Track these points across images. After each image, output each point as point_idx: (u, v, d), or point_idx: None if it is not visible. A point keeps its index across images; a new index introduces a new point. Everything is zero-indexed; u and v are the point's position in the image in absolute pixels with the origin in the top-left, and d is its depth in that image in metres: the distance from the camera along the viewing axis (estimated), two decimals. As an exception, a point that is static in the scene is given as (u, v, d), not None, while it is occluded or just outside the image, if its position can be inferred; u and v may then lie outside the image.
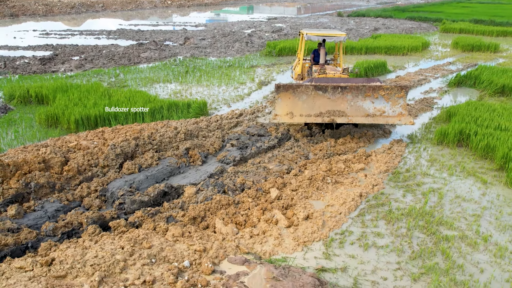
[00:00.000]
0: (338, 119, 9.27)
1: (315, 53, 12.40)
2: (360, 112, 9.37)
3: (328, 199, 7.23)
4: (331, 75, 11.02)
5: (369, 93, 9.33)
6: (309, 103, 9.25)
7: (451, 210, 7.11)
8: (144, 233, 5.51)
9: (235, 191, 7.29)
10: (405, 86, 9.41)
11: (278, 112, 9.23)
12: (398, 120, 9.41)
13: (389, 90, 9.33)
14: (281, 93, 9.16)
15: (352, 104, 9.35)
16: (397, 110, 9.44)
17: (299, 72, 12.34)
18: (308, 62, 12.62)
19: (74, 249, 4.82)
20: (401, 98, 9.39)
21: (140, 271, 4.66)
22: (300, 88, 9.18)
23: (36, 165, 7.78)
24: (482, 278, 5.49)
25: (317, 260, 5.80)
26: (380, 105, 9.42)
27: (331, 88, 9.24)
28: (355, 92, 9.31)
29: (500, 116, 10.46)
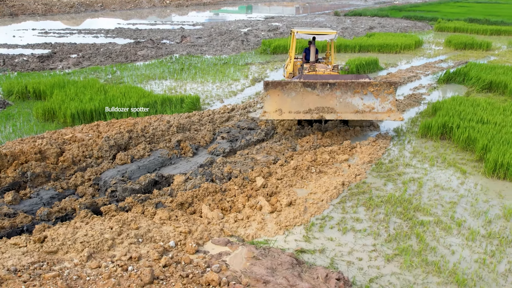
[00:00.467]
0: (327, 116, 9.33)
1: (306, 52, 12.48)
2: (349, 108, 9.44)
3: (312, 187, 7.56)
4: (321, 72, 11.10)
5: (358, 89, 9.41)
6: (298, 100, 9.29)
7: (429, 197, 7.43)
8: (132, 216, 5.84)
9: (222, 180, 7.61)
10: (394, 83, 9.51)
11: (267, 109, 9.29)
12: (388, 116, 9.50)
13: (378, 87, 9.42)
14: (269, 90, 9.23)
15: (341, 101, 9.42)
16: (386, 106, 9.54)
17: (290, 71, 12.40)
18: (300, 61, 12.67)
19: (65, 229, 5.15)
20: (390, 94, 9.49)
21: (127, 248, 4.98)
22: (288, 85, 9.23)
23: (32, 155, 8.11)
24: (452, 259, 5.81)
25: (297, 242, 6.12)
26: (369, 102, 9.50)
27: (320, 84, 9.29)
28: (344, 88, 9.38)
29: (484, 110, 10.79)
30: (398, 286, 5.27)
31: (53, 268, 4.29)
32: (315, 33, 11.78)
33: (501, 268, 5.65)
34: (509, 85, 13.53)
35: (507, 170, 8.07)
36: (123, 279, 4.30)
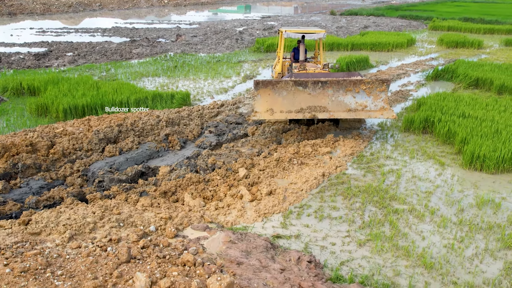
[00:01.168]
0: (319, 115, 9.15)
1: (295, 51, 12.37)
2: (341, 107, 9.26)
3: (292, 178, 7.82)
4: (311, 71, 10.96)
5: (350, 87, 9.27)
6: (290, 99, 9.10)
7: (406, 188, 7.69)
8: (116, 202, 6.09)
9: (206, 171, 7.88)
10: (386, 80, 9.36)
11: (258, 109, 9.04)
12: (381, 114, 9.35)
13: (370, 84, 9.28)
14: (260, 89, 9.01)
15: (333, 99, 9.26)
16: (379, 104, 9.39)
17: (279, 71, 12.21)
18: (289, 60, 12.49)
19: (49, 213, 5.41)
20: (383, 92, 9.37)
21: (108, 231, 5.24)
22: (279, 84, 9.03)
23: (23, 147, 8.37)
24: (422, 244, 6.06)
25: (275, 229, 6.38)
26: (362, 100, 9.35)
27: (312, 83, 9.11)
28: (336, 87, 9.22)
29: (466, 105, 11.04)
30: (367, 268, 5.52)
31: (35, 247, 4.55)
32: (304, 31, 11.68)
33: (469, 252, 5.91)
34: (495, 82, 13.78)
35: (483, 162, 8.32)
36: (101, 258, 4.56)
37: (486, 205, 7.14)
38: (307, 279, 5.00)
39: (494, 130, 9.35)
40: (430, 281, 5.32)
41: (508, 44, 24.13)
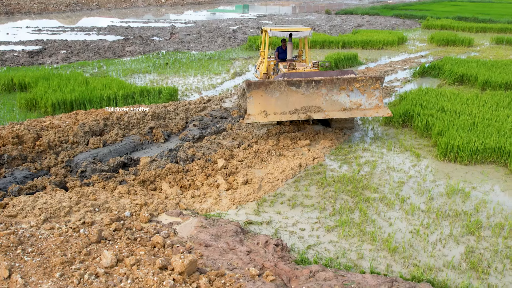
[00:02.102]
0: (314, 115, 8.91)
1: (279, 50, 11.98)
2: (336, 106, 9.08)
3: (270, 169, 8.04)
4: (301, 70, 10.63)
5: (344, 86, 9.12)
6: (283, 100, 8.87)
7: (379, 178, 7.91)
8: (93, 189, 6.33)
9: (185, 161, 8.11)
10: (380, 77, 9.24)
11: (251, 111, 8.75)
12: (376, 112, 9.20)
13: (364, 82, 9.14)
14: (252, 91, 8.74)
15: (327, 99, 9.07)
16: (373, 102, 9.27)
17: (264, 71, 11.88)
18: (273, 60, 12.11)
19: (27, 198, 5.63)
20: (377, 89, 9.25)
21: (82, 215, 5.47)
22: (272, 85, 8.79)
23: (10, 139, 8.60)
24: (389, 230, 6.29)
25: (247, 216, 6.61)
26: (356, 98, 9.21)
27: (305, 82, 8.92)
28: (330, 85, 9.04)
29: (447, 100, 11.26)
30: (332, 252, 5.75)
31: (10, 228, 4.77)
32: (290, 30, 11.30)
33: (433, 238, 6.13)
34: (479, 78, 14.00)
35: (457, 154, 8.55)
36: (72, 238, 4.79)
37: (456, 194, 7.37)
38: (271, 260, 5.23)
39: (470, 123, 9.58)
40: (392, 263, 5.55)
41: (499, 42, 24.35)
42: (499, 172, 8.22)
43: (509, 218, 6.62)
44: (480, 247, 5.88)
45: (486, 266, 5.50)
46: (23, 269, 4.03)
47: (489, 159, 8.57)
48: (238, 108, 11.61)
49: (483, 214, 6.73)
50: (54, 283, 3.87)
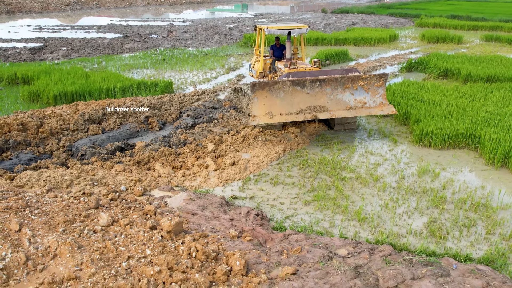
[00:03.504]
0: (320, 115, 8.82)
1: (273, 48, 11.77)
2: (341, 105, 9.00)
3: (256, 152, 8.68)
4: (302, 68, 10.35)
5: (348, 84, 9.01)
6: (288, 100, 8.72)
7: (357, 160, 8.55)
8: (92, 167, 6.96)
9: (178, 145, 8.74)
10: (384, 74, 9.18)
11: (255, 113, 8.56)
12: (380, 110, 9.14)
13: (368, 80, 9.08)
14: (257, 91, 8.53)
15: (332, 98, 8.98)
16: (377, 100, 9.20)
17: (260, 70, 11.67)
18: (269, 59, 11.86)
19: (33, 172, 6.27)
20: (380, 87, 9.21)
21: (82, 187, 6.10)
22: (277, 85, 8.63)
23: (15, 126, 9.23)
24: (360, 203, 6.92)
25: (233, 192, 7.25)
26: (361, 97, 9.12)
27: (310, 82, 8.79)
28: (334, 84, 8.93)
29: (427, 92, 11.89)
30: (307, 221, 6.38)
31: (18, 195, 5.41)
32: (286, 27, 10.98)
33: (400, 210, 6.76)
34: (462, 72, 14.63)
35: (430, 139, 9.18)
36: (73, 204, 5.42)
37: (426, 174, 8.00)
38: (251, 226, 5.86)
39: (446, 112, 10.21)
40: (360, 231, 6.18)
41: (488, 40, 24.97)
42: (470, 156, 8.85)
43: (473, 194, 7.25)
44: (442, 218, 6.52)
45: (445, 233, 6.13)
46: (31, 225, 4.66)
47: (461, 144, 9.20)
48: (230, 100, 12.22)
49: (449, 191, 7.36)
50: (58, 235, 4.50)
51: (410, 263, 5.23)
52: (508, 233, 6.13)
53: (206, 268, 4.54)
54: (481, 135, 8.90)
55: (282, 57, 11.59)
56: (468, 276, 5.09)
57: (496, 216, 6.58)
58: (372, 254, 5.39)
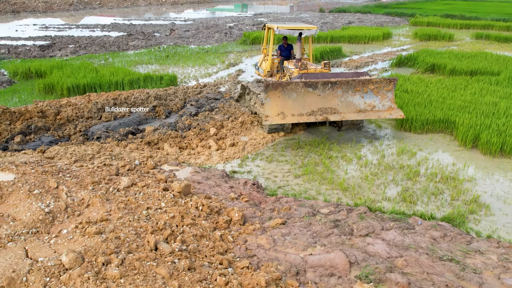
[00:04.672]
0: (331, 117, 9.00)
1: (281, 48, 11.73)
2: (351, 108, 9.18)
3: (253, 135, 9.67)
4: (312, 69, 10.28)
5: (359, 87, 9.17)
6: (300, 101, 8.89)
7: (344, 142, 9.53)
8: (109, 145, 7.95)
9: (183, 130, 9.73)
10: (394, 79, 9.36)
11: (268, 113, 8.72)
12: (389, 114, 9.34)
13: (378, 84, 9.25)
14: (270, 91, 8.65)
15: (343, 100, 9.14)
16: (386, 104, 9.38)
17: (268, 69, 11.66)
18: (276, 58, 11.77)
19: (59, 147, 7.25)
20: (390, 91, 9.41)
21: (102, 160, 7.09)
22: (289, 86, 8.77)
23: (35, 113, 10.22)
24: (343, 176, 7.91)
25: (233, 168, 8.24)
26: (370, 100, 9.30)
27: (321, 84, 8.92)
28: (345, 87, 9.09)
29: (412, 84, 12.88)
30: (297, 190, 7.37)
31: (50, 163, 6.40)
32: (297, 28, 10.87)
33: (378, 182, 7.75)
34: (447, 66, 15.62)
35: (411, 124, 10.17)
36: (98, 171, 6.41)
37: (404, 153, 8.99)
38: (248, 191, 6.86)
39: (427, 101, 11.20)
40: (342, 197, 7.17)
41: (478, 37, 25.95)
42: (445, 139, 9.85)
43: (443, 169, 8.24)
44: (414, 188, 7.51)
45: (415, 199, 7.12)
46: (65, 184, 5.66)
47: (439, 128, 10.19)
48: (230, 93, 13.21)
49: (423, 167, 8.36)
50: (88, 191, 5.49)
51: (381, 219, 6.24)
52: (469, 199, 7.12)
53: (211, 218, 5.53)
54: (456, 120, 9.89)
55: (289, 56, 11.64)
56: (429, 229, 6.09)
57: (462, 186, 7.58)
58: (350, 212, 6.39)
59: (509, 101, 11.24)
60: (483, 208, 6.89)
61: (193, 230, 5.03)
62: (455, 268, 5.09)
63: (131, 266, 3.88)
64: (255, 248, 5.09)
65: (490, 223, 6.51)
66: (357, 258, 5.06)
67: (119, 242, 4.30)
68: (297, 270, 4.72)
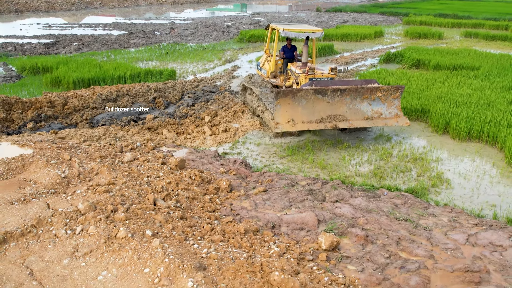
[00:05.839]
0: (340, 124, 9.07)
1: (285, 49, 11.65)
2: (359, 115, 9.26)
3: (244, 122, 10.59)
4: (319, 74, 10.24)
5: (367, 94, 9.25)
6: (309, 108, 8.92)
7: (327, 129, 10.42)
8: (113, 129, 8.87)
9: (180, 117, 10.65)
10: (401, 87, 9.46)
11: (279, 120, 8.72)
12: (396, 121, 9.44)
13: (386, 91, 9.32)
14: (280, 98, 8.63)
15: (351, 107, 9.22)
16: (393, 111, 9.49)
17: (271, 70, 11.58)
18: (280, 59, 11.79)
19: (69, 129, 8.17)
20: (396, 99, 9.49)
21: (108, 141, 8.01)
22: (300, 93, 8.79)
23: (45, 103, 11.14)
24: (324, 157, 8.81)
25: (224, 150, 9.15)
26: (377, 107, 9.39)
27: (331, 91, 8.98)
28: (354, 94, 9.18)
29: (394, 77, 13.79)
30: (281, 168, 8.28)
31: (63, 142, 7.32)
32: (302, 30, 10.83)
33: (354, 161, 8.66)
34: (431, 62, 16.52)
35: (390, 113, 11.06)
36: (105, 148, 7.33)
37: (381, 138, 9.90)
38: (236, 167, 7.77)
39: (406, 92, 12.10)
40: (321, 174, 8.08)
41: (467, 36, 26.86)
42: (420, 126, 10.76)
43: (414, 151, 9.15)
44: (385, 166, 8.42)
45: (385, 176, 8.03)
46: (77, 157, 6.57)
47: (415, 117, 11.10)
48: (225, 86, 14.13)
49: (396, 149, 9.27)
50: (97, 163, 6.41)
51: (351, 189, 7.15)
52: (433, 175, 8.03)
53: (202, 186, 6.45)
54: (430, 109, 10.80)
55: (293, 58, 11.62)
56: (393, 198, 7.00)
57: (428, 165, 8.49)
58: (324, 184, 7.31)
59: (482, 93, 12.15)
60: (444, 183, 7.80)
61: (186, 193, 5.95)
62: (409, 226, 6.00)
63: (134, 213, 4.80)
64: (239, 209, 6.00)
65: (449, 194, 7.42)
66: (325, 217, 5.98)
67: (124, 198, 5.21)
68: (272, 224, 5.64)
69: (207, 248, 4.37)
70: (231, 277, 3.90)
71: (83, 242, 4.15)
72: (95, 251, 4.03)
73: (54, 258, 4.00)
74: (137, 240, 4.16)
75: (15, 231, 4.25)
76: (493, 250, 5.59)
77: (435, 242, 5.66)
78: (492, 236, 5.88)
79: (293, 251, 4.93)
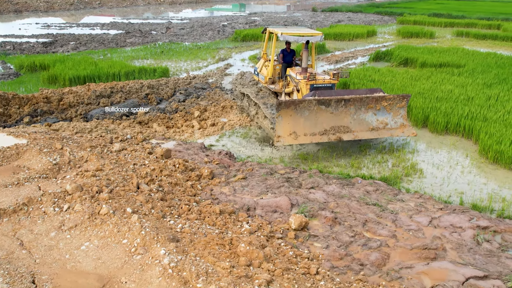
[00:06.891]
0: (344, 136, 8.75)
1: (284, 53, 11.31)
2: (363, 126, 8.94)
3: (231, 117, 11.03)
4: (321, 80, 9.93)
5: (372, 104, 8.93)
6: (312, 119, 8.59)
7: (311, 124, 10.87)
8: (105, 122, 9.32)
9: (171, 112, 11.10)
10: (407, 96, 9.18)
11: (280, 132, 8.39)
12: (402, 132, 9.15)
13: (391, 101, 9.02)
14: (282, 110, 8.31)
15: (355, 118, 8.88)
16: (399, 121, 9.17)
17: (270, 76, 11.33)
18: (278, 64, 11.45)
19: (63, 122, 8.63)
20: (402, 108, 9.19)
21: (99, 133, 8.46)
22: (302, 104, 8.46)
23: (41, 99, 11.59)
24: (305, 149, 9.25)
25: (211, 142, 9.60)
26: (383, 117, 9.06)
27: (335, 101, 8.65)
28: (358, 104, 8.84)
29: (380, 74, 14.23)
30: (263, 158, 8.72)
31: (56, 133, 7.77)
32: (301, 34, 10.52)
33: (334, 154, 9.10)
34: (418, 60, 16.96)
35: (372, 108, 11.50)
36: (95, 139, 7.78)
37: (362, 132, 10.32)
38: (220, 157, 8.22)
39: (389, 88, 12.54)
40: (301, 164, 8.50)
41: (459, 35, 27.30)
42: (401, 121, 11.18)
43: (392, 144, 9.59)
44: (363, 158, 8.85)
45: (362, 166, 8.47)
46: (68, 146, 7.02)
47: (397, 112, 11.52)
48: (217, 83, 14.57)
49: (374, 141, 9.70)
50: (87, 152, 6.86)
51: (327, 177, 7.60)
52: (408, 165, 8.47)
53: (185, 173, 6.89)
54: (410, 104, 11.23)
55: (292, 62, 11.30)
56: (366, 185, 7.44)
57: (404, 157, 8.93)
58: (302, 173, 7.75)
59: (464, 89, 12.59)
60: (417, 172, 8.24)
61: (169, 179, 6.39)
62: (376, 210, 6.45)
63: (117, 194, 5.24)
64: (218, 194, 6.44)
65: (420, 183, 7.86)
66: (298, 201, 6.42)
67: (109, 182, 5.66)
68: (248, 207, 6.08)
69: (182, 224, 4.82)
70: (201, 248, 4.35)
71: (69, 218, 4.60)
72: (80, 225, 4.48)
73: (43, 231, 4.44)
74: (118, 216, 4.61)
75: (8, 208, 4.69)
76: (453, 231, 6.04)
77: (399, 224, 6.11)
78: (454, 219, 6.33)
79: (264, 229, 5.38)
